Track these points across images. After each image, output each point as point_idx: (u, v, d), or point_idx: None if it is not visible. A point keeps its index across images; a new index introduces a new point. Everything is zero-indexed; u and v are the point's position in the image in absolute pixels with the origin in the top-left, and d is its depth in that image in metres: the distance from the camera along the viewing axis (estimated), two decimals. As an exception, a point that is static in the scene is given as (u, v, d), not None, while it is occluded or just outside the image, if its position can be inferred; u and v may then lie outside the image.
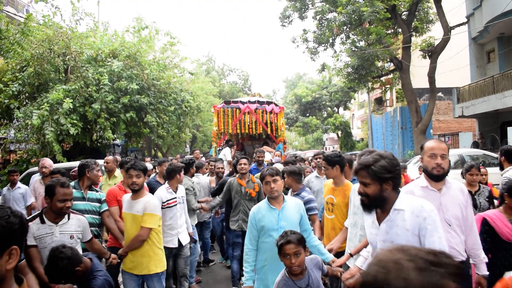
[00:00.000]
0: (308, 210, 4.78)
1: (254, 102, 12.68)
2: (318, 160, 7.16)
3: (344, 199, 4.48)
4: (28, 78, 12.97)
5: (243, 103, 12.65)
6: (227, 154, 11.64)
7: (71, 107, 12.26)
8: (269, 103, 12.88)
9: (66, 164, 10.95)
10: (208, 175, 8.76)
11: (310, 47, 22.41)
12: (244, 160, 6.72)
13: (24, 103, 13.81)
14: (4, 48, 8.18)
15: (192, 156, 11.34)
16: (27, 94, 13.75)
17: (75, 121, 12.48)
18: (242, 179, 6.59)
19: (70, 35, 14.16)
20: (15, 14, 20.42)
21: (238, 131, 12.85)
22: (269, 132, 12.94)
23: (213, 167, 8.72)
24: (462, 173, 5.75)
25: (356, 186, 3.46)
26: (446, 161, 3.19)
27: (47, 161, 7.95)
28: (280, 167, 6.89)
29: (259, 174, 6.61)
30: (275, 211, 3.84)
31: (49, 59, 13.18)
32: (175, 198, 5.71)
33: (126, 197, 4.75)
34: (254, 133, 13.09)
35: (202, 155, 12.71)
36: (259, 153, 9.01)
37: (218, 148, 12.84)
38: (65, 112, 12.19)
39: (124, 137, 15.09)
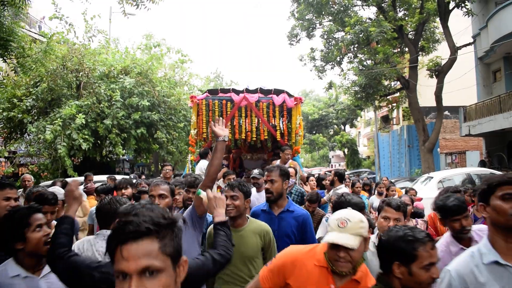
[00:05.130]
0: None
1: (255, 91, 8.51)
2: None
3: None
4: (41, 94, 13.28)
5: (237, 92, 8.51)
6: (204, 168, 7.15)
7: (84, 122, 12.51)
8: (278, 92, 8.51)
9: (79, 179, 11.15)
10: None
11: (318, 66, 22.63)
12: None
13: (36, 117, 14.09)
14: (27, 66, 8.46)
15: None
16: (39, 109, 14.04)
17: (86, 136, 12.72)
18: None
19: (83, 52, 14.49)
20: (29, 30, 20.87)
21: (231, 136, 8.52)
22: (278, 137, 8.42)
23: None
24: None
25: None
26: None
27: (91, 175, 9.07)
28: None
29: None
30: None
31: (62, 75, 13.47)
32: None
33: None
34: (255, 138, 8.72)
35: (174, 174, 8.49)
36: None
37: (195, 163, 8.58)
38: (77, 127, 12.44)
39: (133, 152, 15.31)
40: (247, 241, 3.17)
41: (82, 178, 9.13)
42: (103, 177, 10.32)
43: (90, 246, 2.92)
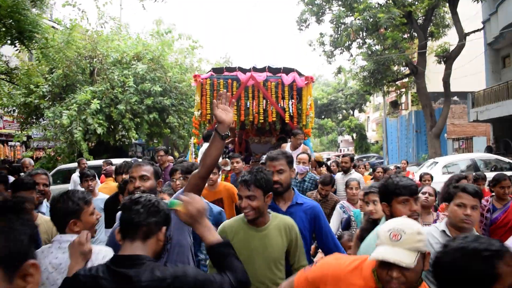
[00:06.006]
0: None
1: (262, 70, 7.97)
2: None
3: None
4: (57, 80, 13.69)
5: (244, 71, 7.97)
6: None
7: (98, 107, 12.93)
8: (287, 71, 8.01)
9: (93, 162, 11.61)
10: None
11: (327, 51, 22.71)
12: None
13: (51, 103, 14.55)
14: (51, 55, 8.83)
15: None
16: (54, 95, 14.48)
17: (101, 121, 13.15)
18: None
19: (96, 39, 14.85)
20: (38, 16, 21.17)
21: (236, 118, 7.99)
22: (287, 119, 7.89)
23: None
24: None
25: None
26: None
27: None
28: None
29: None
30: None
31: (76, 62, 13.86)
32: None
33: None
34: (262, 120, 8.16)
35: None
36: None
37: (198, 146, 7.99)
38: (92, 113, 12.87)
39: (146, 136, 15.74)
40: (272, 241, 2.65)
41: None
42: (117, 161, 10.69)
43: (44, 257, 2.30)
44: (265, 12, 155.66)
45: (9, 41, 6.20)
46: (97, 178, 8.06)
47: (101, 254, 2.17)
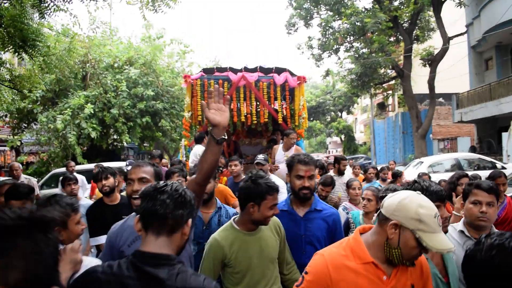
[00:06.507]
0: None
1: (254, 70, 7.85)
2: None
3: None
4: (50, 84, 13.85)
5: (235, 71, 7.83)
6: (199, 154, 5.97)
7: (92, 112, 13.13)
8: (279, 70, 7.85)
9: (86, 166, 11.85)
10: None
11: (315, 54, 23.10)
12: None
13: (43, 108, 14.67)
14: (53, 63, 8.99)
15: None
16: (46, 99, 14.61)
17: (94, 125, 13.35)
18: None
19: (88, 44, 15.03)
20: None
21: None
22: (280, 120, 7.81)
23: None
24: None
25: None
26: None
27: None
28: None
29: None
30: None
31: (69, 67, 14.03)
32: None
33: None
34: (255, 122, 7.97)
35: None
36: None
37: (189, 149, 7.91)
38: (86, 117, 13.06)
39: (138, 140, 15.95)
40: (268, 242, 2.64)
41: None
42: (109, 164, 10.88)
43: None
44: (255, 15, 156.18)
45: (12, 50, 6.38)
46: (85, 182, 8.36)
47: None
